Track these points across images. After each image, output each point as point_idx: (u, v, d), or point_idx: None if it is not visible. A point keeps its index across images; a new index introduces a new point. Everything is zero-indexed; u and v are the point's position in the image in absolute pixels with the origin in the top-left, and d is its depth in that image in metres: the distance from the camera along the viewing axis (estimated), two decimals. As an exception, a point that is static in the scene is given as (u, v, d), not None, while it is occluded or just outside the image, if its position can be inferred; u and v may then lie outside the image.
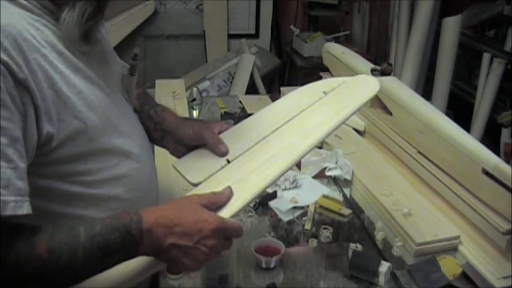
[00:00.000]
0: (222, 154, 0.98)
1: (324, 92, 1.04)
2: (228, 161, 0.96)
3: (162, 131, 1.06)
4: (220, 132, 1.02)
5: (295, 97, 1.06)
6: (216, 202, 0.82)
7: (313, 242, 1.20)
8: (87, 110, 0.79)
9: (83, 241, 0.70)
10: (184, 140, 1.02)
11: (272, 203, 1.33)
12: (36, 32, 0.73)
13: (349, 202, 1.37)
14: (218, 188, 0.86)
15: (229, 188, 0.85)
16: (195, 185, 0.93)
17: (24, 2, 0.74)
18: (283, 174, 0.91)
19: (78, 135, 0.77)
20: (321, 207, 1.32)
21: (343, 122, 0.97)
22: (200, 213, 0.78)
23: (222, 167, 0.94)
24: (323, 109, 1.00)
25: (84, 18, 0.77)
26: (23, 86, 0.68)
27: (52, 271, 0.69)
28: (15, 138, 0.67)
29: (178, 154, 1.04)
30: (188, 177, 0.95)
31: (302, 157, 0.95)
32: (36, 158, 0.74)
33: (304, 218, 1.27)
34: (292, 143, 0.93)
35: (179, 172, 0.96)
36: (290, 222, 1.27)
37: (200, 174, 0.95)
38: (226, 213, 0.82)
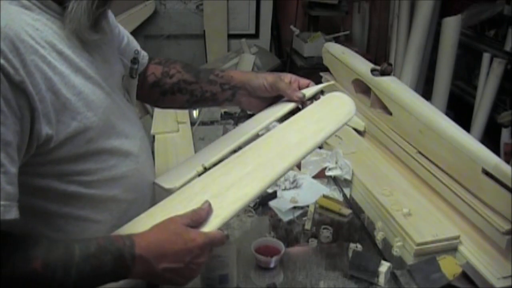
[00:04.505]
0: (300, 100, 1.03)
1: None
2: (205, 168, 0.96)
3: (232, 89, 1.08)
4: (291, 82, 1.05)
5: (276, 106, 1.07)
6: (198, 219, 0.83)
7: (313, 242, 1.20)
8: (87, 110, 0.78)
9: (77, 260, 0.71)
10: (259, 92, 1.06)
11: (272, 203, 1.33)
12: (35, 33, 0.72)
13: (349, 202, 1.37)
14: (194, 199, 0.87)
15: (208, 203, 0.85)
16: (170, 191, 0.93)
17: (24, 1, 0.74)
18: (260, 193, 0.92)
19: (77, 136, 0.77)
20: (321, 207, 1.32)
21: (319, 145, 0.98)
22: (186, 233, 0.80)
23: (198, 174, 0.95)
24: (299, 127, 1.00)
25: (94, 6, 0.78)
26: (19, 89, 0.68)
27: (44, 286, 0.70)
28: (7, 143, 0.66)
29: (253, 107, 1.08)
30: (163, 184, 0.96)
31: (279, 178, 0.95)
32: (33, 158, 0.73)
33: (304, 218, 1.27)
34: (269, 161, 0.93)
35: (158, 185, 0.97)
36: (290, 222, 1.27)
37: (175, 179, 0.96)
38: (206, 230, 0.83)
